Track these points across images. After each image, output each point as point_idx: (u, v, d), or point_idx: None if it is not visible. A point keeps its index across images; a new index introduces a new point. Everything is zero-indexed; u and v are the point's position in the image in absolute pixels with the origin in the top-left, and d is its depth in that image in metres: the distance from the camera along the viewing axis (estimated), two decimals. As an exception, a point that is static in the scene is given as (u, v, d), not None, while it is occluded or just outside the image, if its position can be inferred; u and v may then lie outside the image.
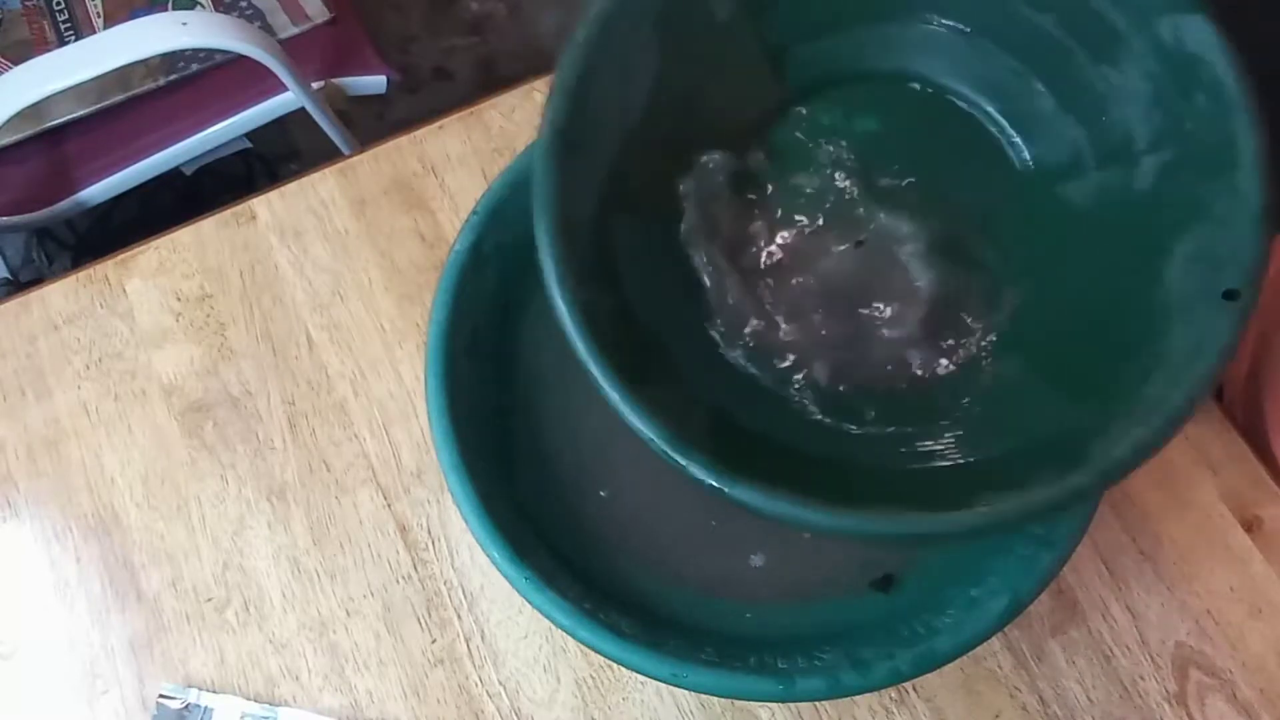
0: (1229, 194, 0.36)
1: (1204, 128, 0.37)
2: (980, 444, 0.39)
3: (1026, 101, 0.41)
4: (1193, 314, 0.37)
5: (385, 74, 0.95)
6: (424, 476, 0.53)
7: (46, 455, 0.54)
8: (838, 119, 0.43)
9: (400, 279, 0.57)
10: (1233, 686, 0.49)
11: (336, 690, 0.49)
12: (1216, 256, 0.37)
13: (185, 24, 0.75)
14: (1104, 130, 0.40)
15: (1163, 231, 0.38)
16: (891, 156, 0.43)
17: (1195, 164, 0.37)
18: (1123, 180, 0.40)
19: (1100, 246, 0.40)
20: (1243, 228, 0.36)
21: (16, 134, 0.87)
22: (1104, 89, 0.39)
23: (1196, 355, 0.36)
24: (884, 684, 0.39)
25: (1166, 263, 0.38)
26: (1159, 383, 0.36)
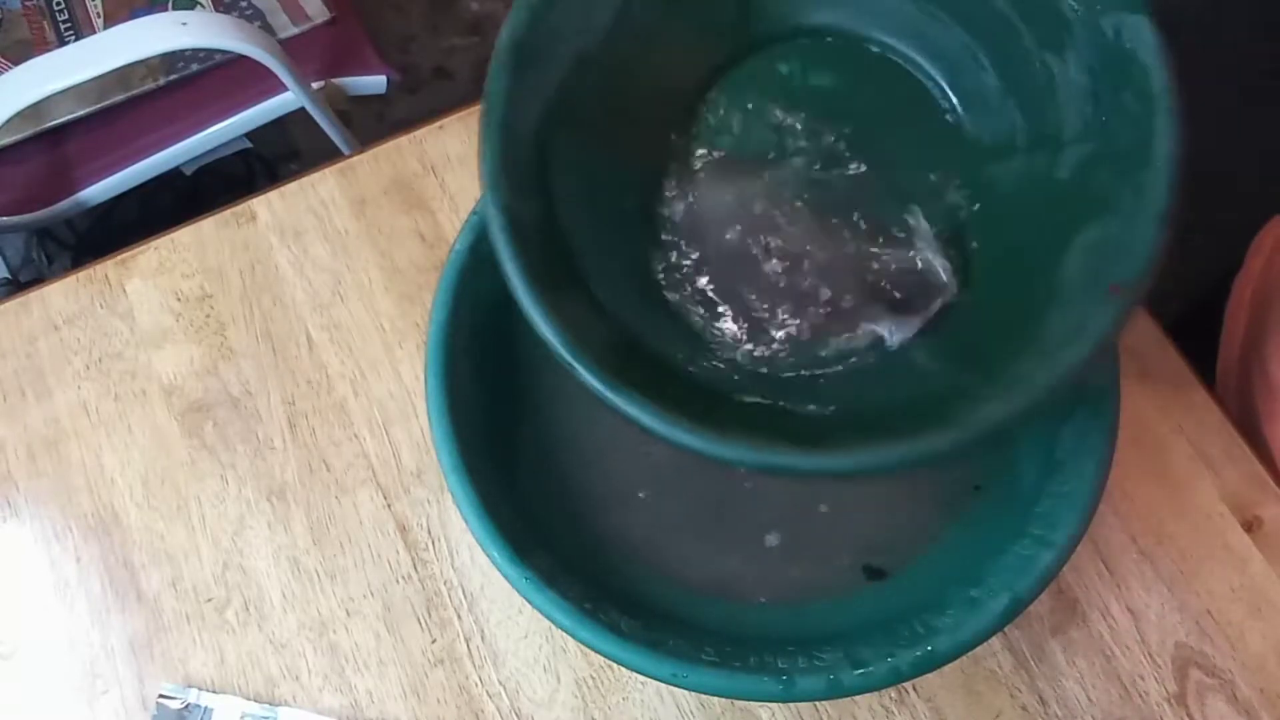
0: (1136, 193, 0.37)
1: (1126, 126, 0.38)
2: (859, 397, 0.41)
3: (974, 77, 0.42)
4: (1077, 302, 0.38)
5: (385, 74, 0.95)
6: (424, 476, 0.53)
7: (46, 455, 0.54)
8: (795, 70, 0.44)
9: (400, 279, 0.57)
10: (1233, 686, 0.49)
11: (336, 690, 0.49)
12: (1112, 251, 0.37)
13: (185, 24, 0.75)
14: (1038, 116, 0.40)
15: (1070, 221, 0.39)
16: (841, 116, 0.44)
17: (1112, 160, 0.38)
18: (1045, 167, 0.40)
19: (1011, 227, 0.41)
20: (1143, 227, 0.37)
21: (16, 134, 0.87)
22: (1045, 76, 0.40)
23: (1070, 342, 0.37)
24: (884, 684, 0.39)
25: (1066, 251, 0.39)
26: (1029, 362, 0.38)
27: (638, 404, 0.36)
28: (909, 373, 0.41)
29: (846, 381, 0.41)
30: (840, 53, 0.44)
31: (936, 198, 0.43)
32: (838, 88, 0.44)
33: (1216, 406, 0.54)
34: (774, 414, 0.40)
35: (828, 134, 0.44)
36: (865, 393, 0.41)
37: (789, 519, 0.46)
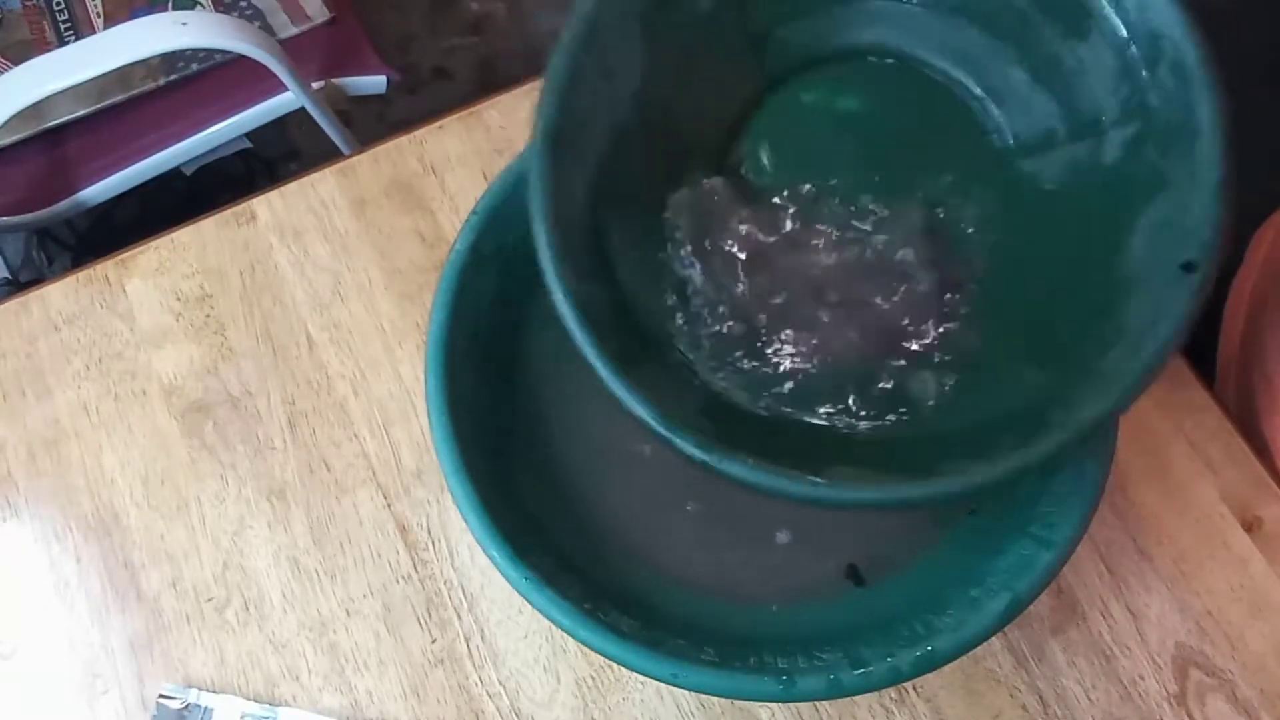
0: (1189, 167, 0.37)
1: (1167, 102, 0.37)
2: (953, 415, 0.41)
3: (1001, 75, 0.42)
4: (1152, 286, 0.38)
5: (385, 74, 0.95)
6: (424, 476, 0.53)
7: (46, 455, 0.54)
8: (821, 97, 0.44)
9: (400, 279, 0.57)
10: (1233, 686, 0.49)
11: (336, 690, 0.49)
12: (1176, 229, 0.37)
13: (185, 24, 0.75)
14: (1074, 104, 0.40)
15: (1126, 205, 0.39)
16: (872, 137, 0.44)
17: (1159, 137, 0.38)
18: (1091, 154, 0.40)
19: (1067, 220, 0.41)
20: (1202, 200, 0.37)
21: (16, 134, 0.87)
22: (1074, 64, 0.40)
23: (1154, 327, 0.37)
24: (884, 684, 0.39)
25: (1128, 236, 0.39)
26: (1118, 353, 0.38)
27: (751, 468, 0.36)
28: (997, 385, 0.41)
29: (944, 409, 0.41)
30: (861, 72, 0.44)
31: (971, 202, 0.43)
32: (866, 109, 0.44)
33: (1216, 406, 0.54)
34: (867, 446, 0.40)
35: (862, 163, 0.44)
36: (961, 414, 0.41)
37: (788, 519, 0.46)
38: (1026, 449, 0.37)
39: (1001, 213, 0.42)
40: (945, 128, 0.43)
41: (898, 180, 0.43)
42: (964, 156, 0.43)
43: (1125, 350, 0.38)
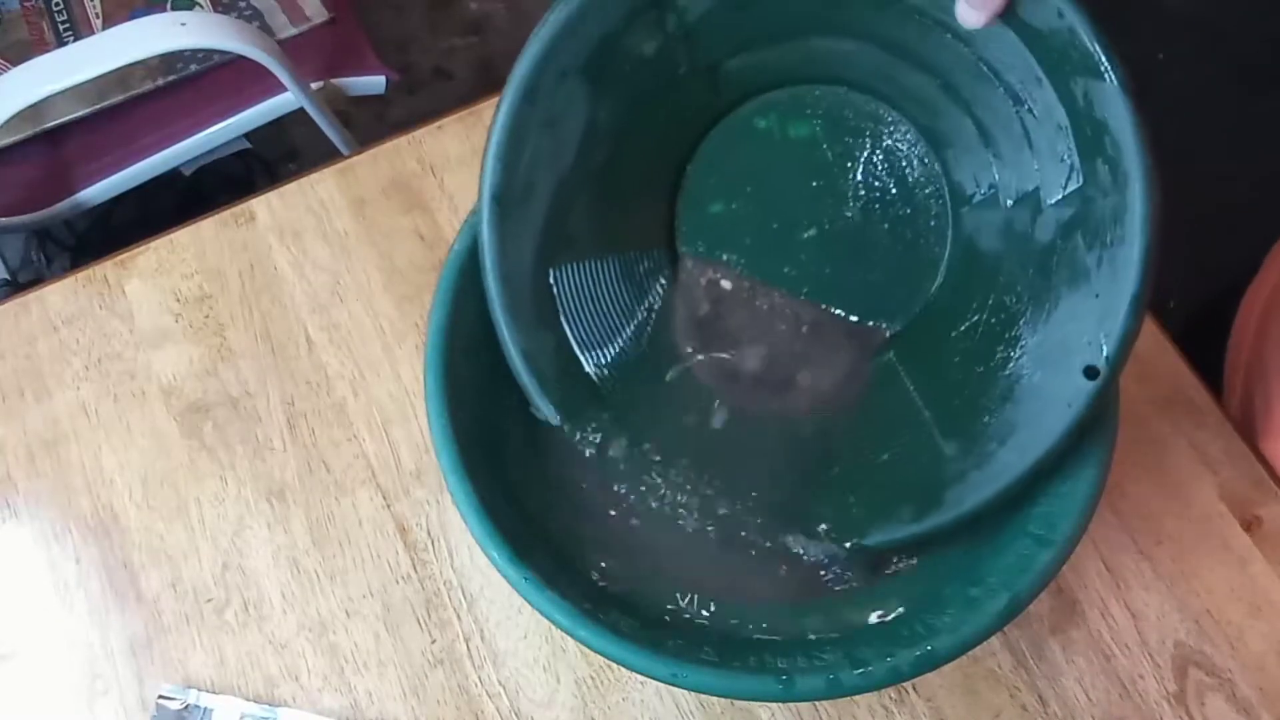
0: (1112, 270, 0.36)
1: (1101, 196, 0.37)
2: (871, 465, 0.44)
3: (951, 121, 0.41)
4: (1051, 381, 0.38)
5: (384, 74, 0.95)
6: (423, 477, 0.53)
7: (46, 456, 0.54)
8: (773, 122, 0.44)
9: (399, 279, 0.57)
10: (1232, 686, 0.49)
11: (336, 691, 0.49)
12: (1088, 330, 0.37)
13: (184, 24, 0.75)
14: (1017, 169, 0.40)
15: (1049, 289, 0.39)
16: (817, 170, 0.44)
17: (1089, 230, 0.37)
18: (1027, 226, 0.40)
19: (995, 286, 0.41)
20: (1118, 308, 0.36)
21: (16, 134, 0.87)
22: (1020, 131, 0.39)
23: (1040, 429, 0.38)
24: (884, 684, 0.39)
25: (1045, 323, 0.39)
26: (1007, 451, 0.39)
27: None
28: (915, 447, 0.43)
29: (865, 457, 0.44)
30: (815, 101, 0.44)
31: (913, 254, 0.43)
32: (816, 138, 0.44)
33: (1216, 407, 0.54)
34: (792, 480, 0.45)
35: (802, 203, 0.44)
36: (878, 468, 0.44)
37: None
38: (918, 523, 0.41)
39: (927, 269, 0.43)
40: (891, 164, 0.43)
41: (835, 223, 0.44)
42: (909, 199, 0.43)
43: (1013, 449, 0.39)
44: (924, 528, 0.42)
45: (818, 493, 0.44)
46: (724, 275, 0.45)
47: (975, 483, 0.40)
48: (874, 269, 0.44)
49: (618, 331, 0.45)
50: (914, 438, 0.43)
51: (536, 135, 0.41)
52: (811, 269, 0.45)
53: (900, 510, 0.42)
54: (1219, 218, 0.82)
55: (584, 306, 0.44)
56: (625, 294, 0.45)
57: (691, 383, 0.45)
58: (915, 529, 0.42)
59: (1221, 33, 0.96)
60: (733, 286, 0.45)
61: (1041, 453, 0.39)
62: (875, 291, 0.44)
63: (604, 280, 0.44)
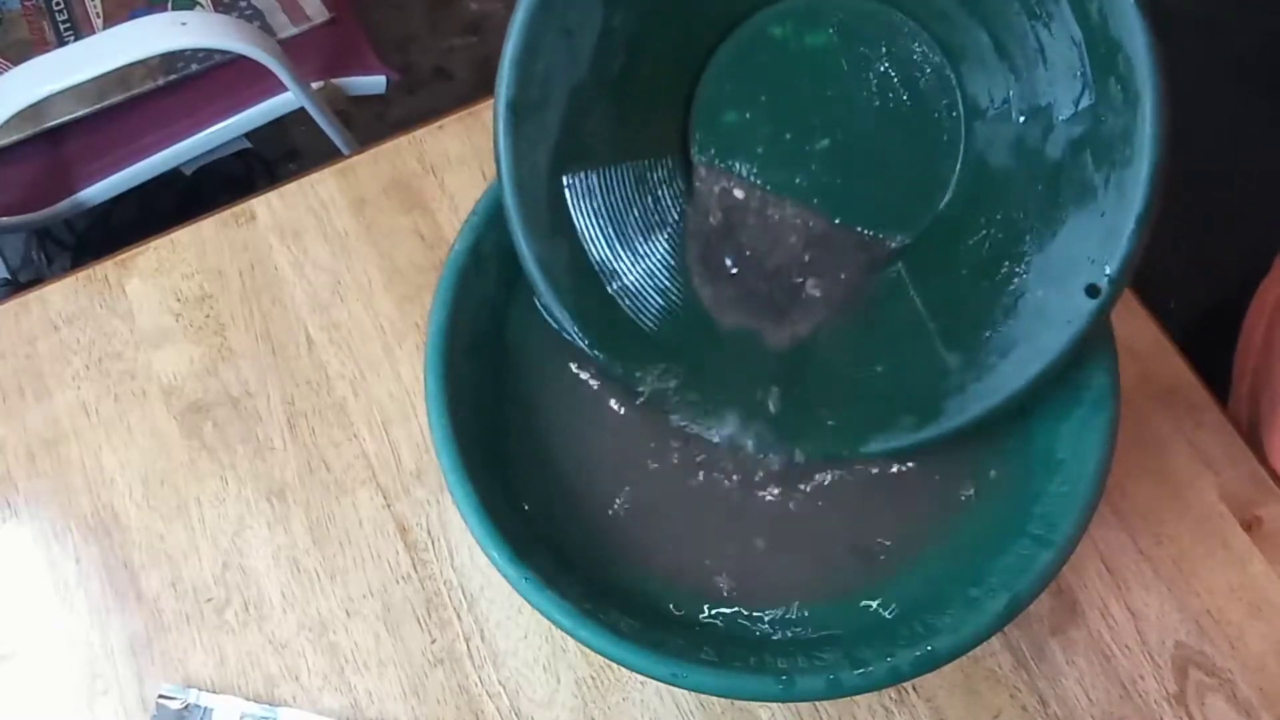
0: (1119, 189, 0.37)
1: (1112, 115, 0.37)
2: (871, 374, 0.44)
3: (966, 34, 0.41)
4: (1053, 298, 0.39)
5: (384, 74, 0.95)
6: (424, 476, 0.53)
7: (46, 456, 0.54)
8: (789, 31, 0.44)
9: (400, 279, 0.57)
10: (1232, 686, 0.49)
11: (336, 690, 0.49)
12: (1092, 248, 0.37)
13: (184, 24, 0.75)
14: (1030, 84, 0.40)
15: (1057, 206, 0.39)
16: (831, 84, 0.44)
17: (1098, 148, 0.38)
18: (1038, 142, 0.40)
19: (1004, 202, 0.41)
20: (1122, 227, 0.36)
21: (16, 134, 0.87)
22: (1035, 45, 0.39)
23: (1041, 350, 0.39)
24: (884, 684, 0.39)
25: (1050, 239, 0.39)
26: (1007, 364, 0.40)
27: None
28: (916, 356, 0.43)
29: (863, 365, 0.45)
30: (831, 9, 0.43)
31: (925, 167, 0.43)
32: (831, 47, 0.43)
33: (1217, 407, 0.54)
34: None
35: (817, 117, 0.44)
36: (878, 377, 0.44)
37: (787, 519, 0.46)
38: (916, 434, 0.41)
39: (947, 175, 0.43)
40: (906, 75, 0.43)
41: (849, 135, 0.44)
42: (922, 111, 0.43)
43: (1013, 363, 0.39)
44: (924, 436, 0.43)
45: (822, 400, 0.45)
46: (737, 185, 0.45)
47: (975, 395, 0.41)
48: (886, 181, 0.44)
49: (631, 239, 0.45)
50: (919, 349, 0.43)
51: (552, 43, 0.41)
52: (824, 180, 0.45)
53: (902, 419, 0.43)
54: (1219, 218, 0.82)
55: (598, 214, 0.44)
56: (639, 202, 0.45)
57: (700, 295, 0.46)
58: (916, 437, 0.43)
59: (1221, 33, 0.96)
60: (745, 195, 0.45)
61: (1040, 369, 0.39)
62: (886, 204, 0.44)
63: (618, 188, 0.45)
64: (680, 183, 0.46)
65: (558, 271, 0.44)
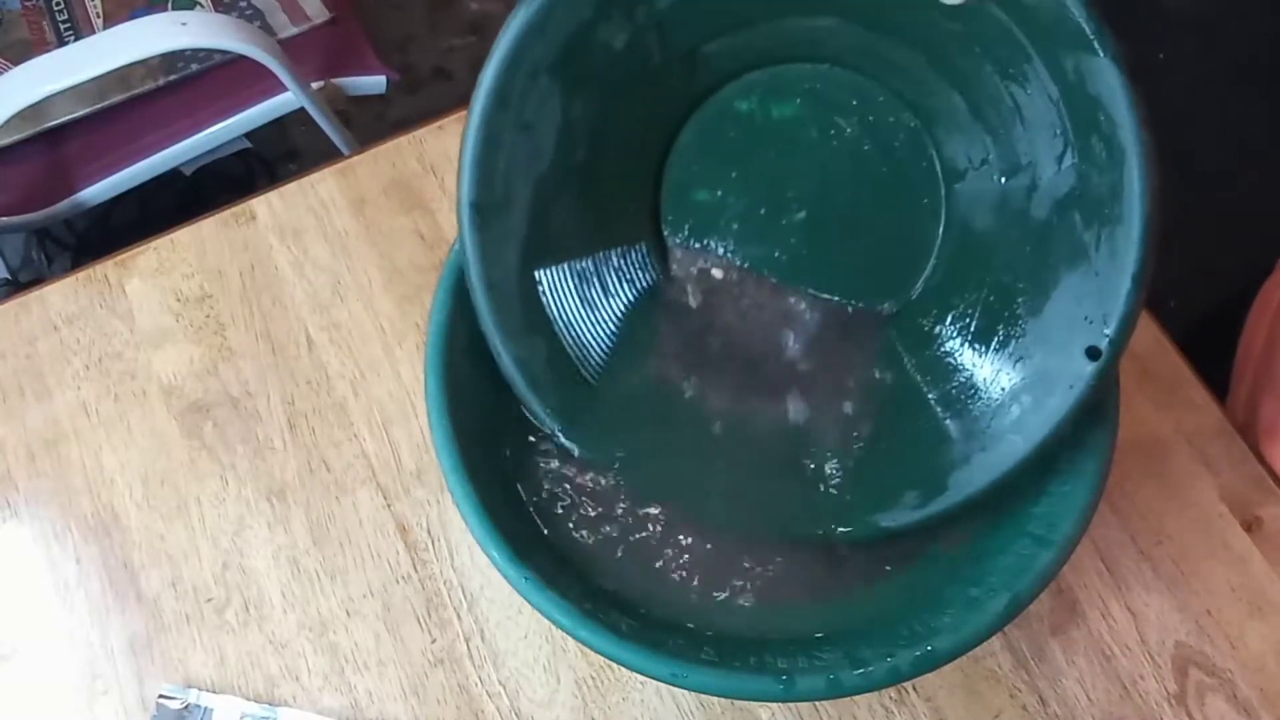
0: (1111, 249, 0.36)
1: (1097, 173, 0.36)
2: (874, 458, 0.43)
3: (940, 98, 0.40)
4: (1055, 362, 0.38)
5: (384, 74, 0.95)
6: (424, 476, 0.53)
7: (46, 455, 0.54)
8: (755, 104, 0.43)
9: (400, 279, 0.57)
10: (1232, 686, 0.49)
11: (336, 690, 0.49)
12: (1089, 310, 0.37)
13: (184, 24, 0.75)
14: (1008, 144, 0.39)
15: (1049, 269, 0.38)
16: (802, 152, 0.43)
17: (1086, 207, 0.37)
18: (1022, 203, 0.39)
19: (991, 266, 0.41)
20: (1118, 288, 0.36)
21: (16, 134, 0.87)
22: (1010, 105, 0.38)
23: (1045, 415, 0.38)
24: (884, 684, 0.39)
25: (1045, 302, 0.38)
26: (1011, 431, 0.39)
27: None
28: (917, 431, 0.43)
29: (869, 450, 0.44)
30: (797, 79, 0.43)
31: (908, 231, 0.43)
32: (800, 117, 0.43)
33: (1217, 407, 0.54)
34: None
35: (789, 188, 0.43)
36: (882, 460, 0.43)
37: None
38: (925, 507, 0.40)
39: (930, 239, 0.42)
40: (880, 141, 0.42)
41: (826, 205, 0.43)
42: (899, 176, 0.42)
43: (1017, 431, 0.39)
44: (929, 513, 0.41)
45: (821, 484, 0.44)
46: (714, 264, 0.44)
47: (979, 466, 0.40)
48: (867, 250, 0.43)
49: (610, 331, 0.44)
50: (917, 420, 0.42)
51: (511, 139, 0.40)
52: (803, 252, 0.44)
53: (905, 496, 0.42)
54: (1219, 218, 0.82)
55: (574, 307, 0.44)
56: (615, 291, 0.44)
57: (686, 381, 0.45)
58: (920, 514, 0.42)
59: (1221, 33, 0.96)
60: (724, 275, 0.44)
61: (1045, 434, 0.39)
62: (870, 273, 0.44)
63: (592, 278, 0.44)
64: (656, 267, 0.45)
65: (537, 368, 0.43)
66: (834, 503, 0.43)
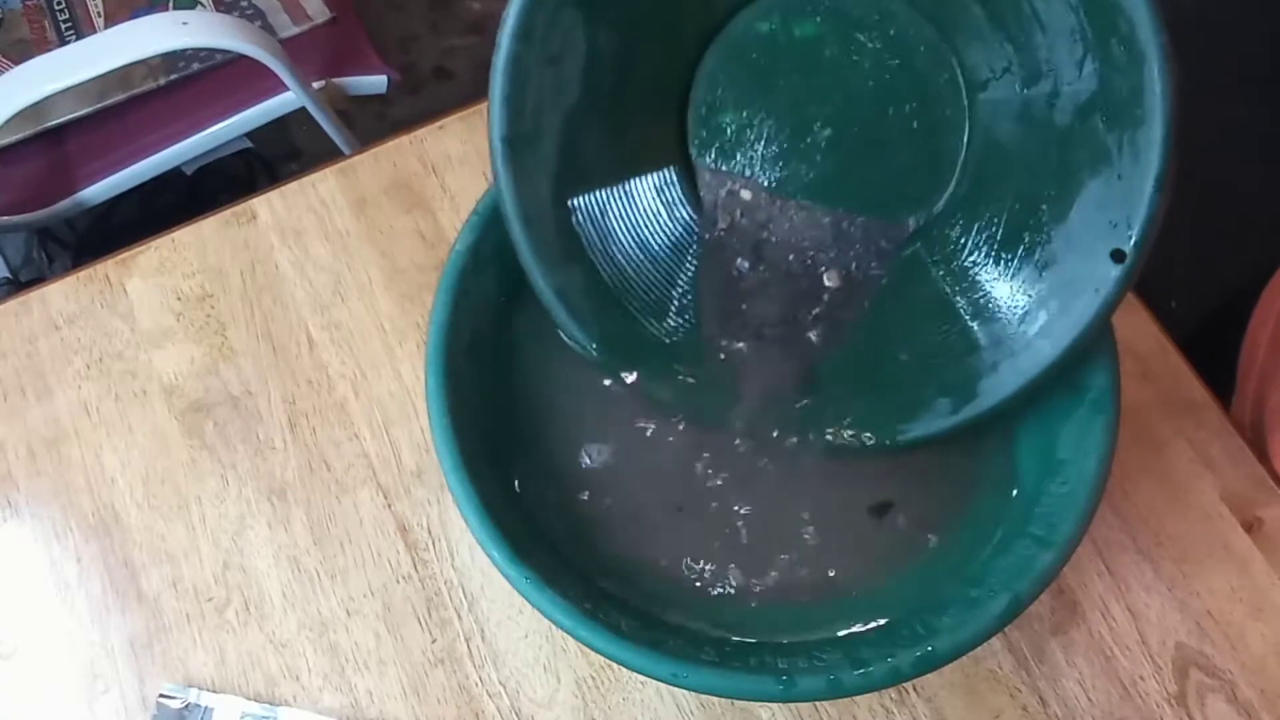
0: (1134, 150, 0.36)
1: (1119, 76, 0.36)
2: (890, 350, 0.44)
3: (957, 8, 0.40)
4: (1080, 266, 0.38)
5: (385, 74, 0.95)
6: (424, 476, 0.53)
7: (46, 455, 0.54)
8: (776, 24, 0.43)
9: (400, 279, 0.57)
10: (1233, 686, 0.49)
11: (336, 690, 0.49)
12: (1113, 214, 0.37)
13: (186, 24, 0.75)
14: (1028, 50, 0.39)
15: (1072, 173, 0.38)
16: (826, 71, 0.43)
17: (1108, 110, 0.37)
18: (1044, 110, 0.39)
19: (1015, 174, 0.41)
20: (1141, 189, 0.36)
21: (16, 134, 0.87)
22: (1029, 11, 0.39)
23: (1072, 320, 0.38)
24: (884, 684, 0.39)
25: (1068, 207, 0.39)
26: (1038, 335, 0.39)
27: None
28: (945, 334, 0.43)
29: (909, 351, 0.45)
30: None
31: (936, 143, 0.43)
32: (823, 35, 0.43)
33: (1217, 407, 0.54)
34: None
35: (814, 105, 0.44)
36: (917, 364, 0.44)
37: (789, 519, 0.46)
38: (956, 415, 0.41)
39: (955, 151, 0.43)
40: (901, 55, 0.42)
41: (850, 122, 0.43)
42: (922, 89, 0.42)
43: (1044, 336, 0.39)
44: (961, 419, 0.42)
45: (854, 390, 0.44)
46: (742, 186, 0.45)
47: (1009, 372, 0.41)
48: (893, 164, 0.44)
49: (644, 254, 0.45)
50: (948, 328, 0.43)
51: (538, 72, 0.41)
52: (830, 169, 0.44)
53: (938, 403, 0.42)
54: (1221, 219, 0.82)
55: (608, 233, 0.44)
56: (647, 216, 0.45)
57: (720, 300, 0.45)
58: (953, 420, 0.42)
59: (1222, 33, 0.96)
60: (752, 196, 0.45)
61: (1072, 339, 0.39)
62: (897, 186, 0.44)
63: (624, 205, 0.44)
64: (686, 191, 0.46)
65: (575, 297, 0.43)
66: (867, 412, 0.44)
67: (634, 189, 0.45)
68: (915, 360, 0.44)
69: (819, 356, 0.45)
